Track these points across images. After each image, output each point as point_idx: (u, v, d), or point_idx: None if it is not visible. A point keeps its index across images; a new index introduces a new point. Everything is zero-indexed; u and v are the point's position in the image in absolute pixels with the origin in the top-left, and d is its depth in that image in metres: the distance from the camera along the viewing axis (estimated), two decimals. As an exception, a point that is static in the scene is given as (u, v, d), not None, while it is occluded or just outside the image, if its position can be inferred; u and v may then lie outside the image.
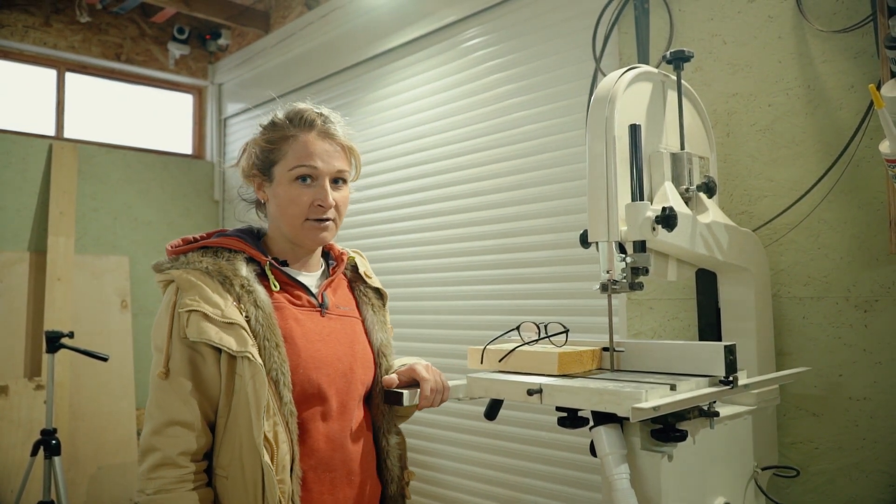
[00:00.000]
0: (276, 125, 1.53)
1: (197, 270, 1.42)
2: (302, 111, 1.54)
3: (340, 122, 1.58)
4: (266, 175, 1.53)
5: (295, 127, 1.51)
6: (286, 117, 1.54)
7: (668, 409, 1.31)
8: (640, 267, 1.57)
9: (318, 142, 1.51)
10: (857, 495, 1.89)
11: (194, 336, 1.35)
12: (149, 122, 4.88)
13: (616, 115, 1.61)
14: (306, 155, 1.49)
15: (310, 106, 1.56)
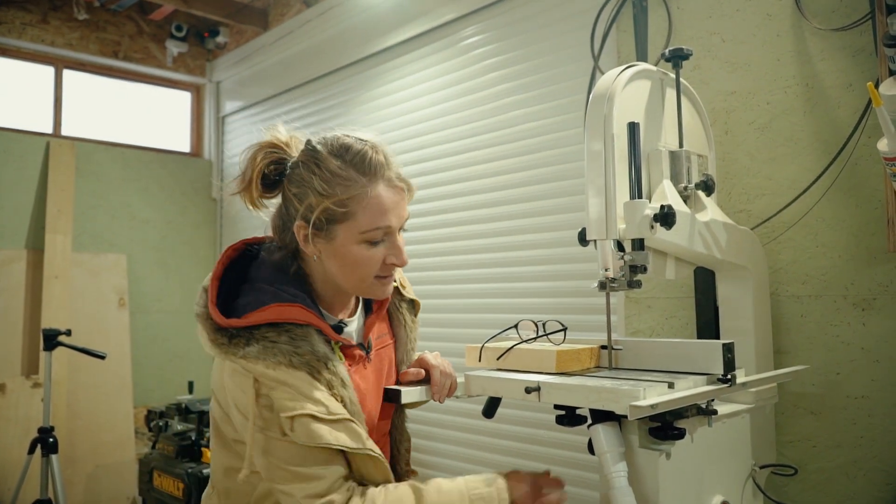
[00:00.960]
0: (336, 175, 1.30)
1: (280, 364, 1.25)
2: (363, 155, 1.32)
3: (392, 154, 1.41)
4: (321, 230, 1.31)
5: (363, 176, 1.31)
6: (350, 165, 1.31)
7: (665, 406, 1.31)
8: (639, 265, 1.57)
9: (388, 193, 1.33)
10: (855, 493, 1.89)
11: (304, 441, 1.22)
12: (147, 120, 4.87)
13: (614, 113, 1.61)
14: (380, 215, 1.31)
15: (362, 141, 1.35)
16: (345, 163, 1.31)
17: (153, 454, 3.60)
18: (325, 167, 1.31)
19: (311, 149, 1.36)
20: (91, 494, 3.93)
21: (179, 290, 4.71)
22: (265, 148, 1.39)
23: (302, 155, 1.36)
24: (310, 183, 1.31)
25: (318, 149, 1.34)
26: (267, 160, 1.37)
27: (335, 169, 1.30)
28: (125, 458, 4.08)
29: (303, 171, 1.33)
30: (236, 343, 1.27)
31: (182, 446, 3.41)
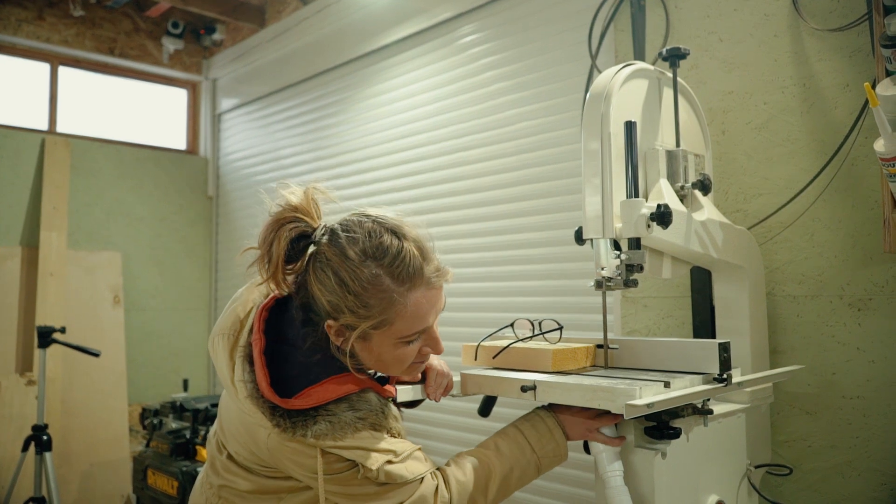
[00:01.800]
0: (372, 288, 1.23)
1: (347, 434, 1.26)
2: (402, 260, 1.24)
3: (428, 238, 1.34)
4: (355, 329, 1.27)
5: (401, 286, 1.25)
6: (387, 274, 1.24)
7: (661, 406, 1.31)
8: (635, 264, 1.57)
9: (428, 296, 1.28)
10: (849, 493, 1.89)
11: (393, 480, 1.29)
12: (142, 118, 4.85)
13: (612, 112, 1.61)
14: (418, 320, 1.28)
15: (399, 238, 1.27)
16: (381, 269, 1.23)
17: (147, 452, 3.59)
18: (358, 276, 1.23)
19: (339, 245, 1.25)
20: (85, 492, 3.92)
21: (175, 288, 4.69)
22: (286, 223, 1.29)
23: (327, 248, 1.26)
24: (342, 295, 1.24)
25: (348, 251, 1.24)
26: (291, 236, 1.28)
27: (370, 279, 1.23)
28: (119, 457, 4.07)
29: (332, 275, 1.24)
30: (300, 422, 1.25)
31: (176, 444, 3.40)
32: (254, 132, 4.53)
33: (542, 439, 1.49)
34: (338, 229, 1.28)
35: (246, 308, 1.38)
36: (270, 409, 1.26)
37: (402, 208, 1.40)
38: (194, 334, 4.74)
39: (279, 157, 4.26)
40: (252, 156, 4.53)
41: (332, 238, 1.27)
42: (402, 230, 1.29)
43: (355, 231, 1.27)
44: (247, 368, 1.30)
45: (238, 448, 1.37)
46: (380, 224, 1.28)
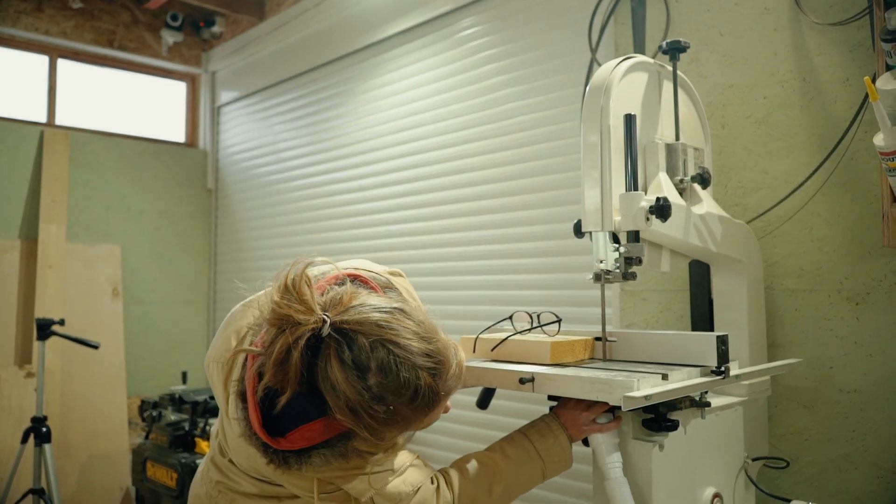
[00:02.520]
0: (386, 420, 1.17)
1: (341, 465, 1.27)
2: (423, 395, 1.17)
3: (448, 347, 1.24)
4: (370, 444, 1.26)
5: (420, 413, 1.20)
6: (404, 404, 1.17)
7: (659, 398, 1.31)
8: (634, 257, 1.57)
9: (440, 410, 1.26)
10: (846, 486, 1.90)
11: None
12: (141, 110, 4.84)
13: (611, 105, 1.61)
14: (432, 422, 1.28)
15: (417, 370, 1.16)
16: (400, 404, 1.16)
17: (146, 444, 3.60)
18: (376, 411, 1.14)
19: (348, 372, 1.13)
20: (84, 484, 3.93)
21: (174, 280, 4.69)
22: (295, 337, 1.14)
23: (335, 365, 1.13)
24: (358, 424, 1.16)
25: (358, 385, 1.13)
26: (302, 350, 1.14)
27: (388, 413, 1.16)
28: (119, 449, 4.07)
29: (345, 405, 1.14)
30: (293, 458, 1.23)
31: (175, 436, 3.41)
32: (253, 125, 4.53)
33: (547, 445, 1.51)
34: (346, 356, 1.14)
35: (240, 335, 1.34)
36: (263, 447, 1.23)
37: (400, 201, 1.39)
38: (193, 327, 4.75)
39: (278, 150, 4.26)
40: (251, 149, 4.52)
41: (342, 364, 1.14)
42: (415, 357, 1.16)
43: (365, 362, 1.14)
44: (239, 405, 1.25)
45: (240, 460, 1.39)
46: (392, 354, 1.15)
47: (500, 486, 1.44)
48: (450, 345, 1.25)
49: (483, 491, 1.43)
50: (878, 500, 1.85)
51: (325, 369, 1.14)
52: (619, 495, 1.46)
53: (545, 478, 1.52)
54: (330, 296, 1.20)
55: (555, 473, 1.53)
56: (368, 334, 1.15)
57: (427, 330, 1.22)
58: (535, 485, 1.51)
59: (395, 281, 1.51)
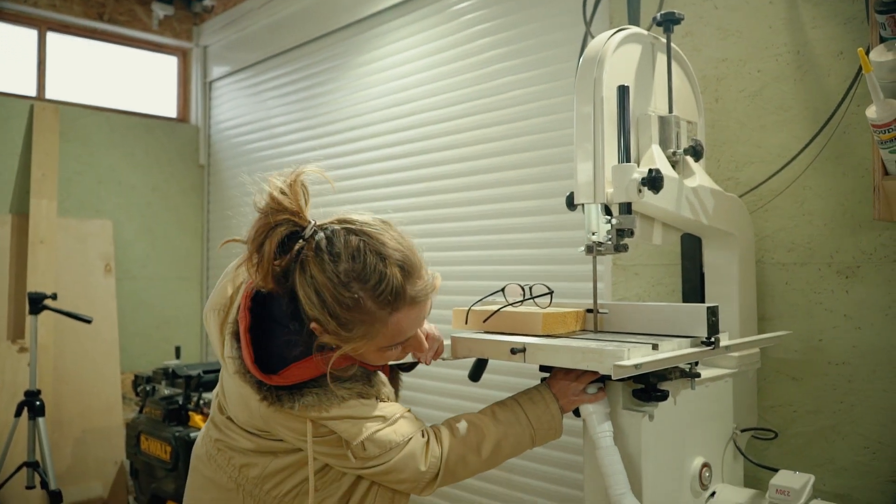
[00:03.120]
0: (355, 310, 1.25)
1: (334, 405, 1.32)
2: (387, 283, 1.26)
3: (417, 249, 1.35)
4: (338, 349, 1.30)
5: (384, 308, 1.27)
6: (370, 296, 1.25)
7: (649, 367, 1.32)
8: (626, 229, 1.57)
9: (411, 313, 1.32)
10: (833, 457, 1.92)
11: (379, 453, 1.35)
12: (132, 85, 4.80)
13: (604, 77, 1.60)
14: (399, 334, 1.33)
15: (383, 259, 1.26)
16: (364, 291, 1.24)
17: (140, 418, 3.61)
18: (340, 299, 1.23)
19: (322, 262, 1.25)
20: (78, 458, 3.95)
21: (166, 256, 4.68)
22: (277, 225, 1.28)
23: (311, 261, 1.25)
24: (323, 314, 1.25)
25: (329, 270, 1.24)
26: (281, 239, 1.28)
27: (350, 303, 1.24)
28: (113, 423, 4.09)
29: (314, 294, 1.24)
30: (286, 395, 1.30)
31: (169, 410, 3.42)
32: (245, 100, 4.49)
33: (538, 412, 1.52)
34: (323, 243, 1.27)
35: (235, 284, 1.43)
36: (257, 384, 1.31)
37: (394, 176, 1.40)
38: (186, 303, 4.75)
39: (271, 126, 4.23)
40: (244, 124, 4.49)
41: (317, 252, 1.26)
42: (387, 249, 1.28)
43: (339, 249, 1.26)
44: (234, 345, 1.34)
45: (237, 413, 1.42)
46: (365, 243, 1.27)
47: (488, 446, 1.46)
48: (425, 265, 1.35)
49: (472, 450, 1.45)
50: (864, 470, 1.87)
51: (304, 264, 1.25)
52: (610, 463, 1.47)
53: (534, 444, 1.53)
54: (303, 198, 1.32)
55: (544, 441, 1.54)
56: (347, 229, 1.29)
57: (409, 246, 1.33)
58: (523, 450, 1.53)
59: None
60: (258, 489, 1.43)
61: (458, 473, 1.45)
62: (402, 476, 1.39)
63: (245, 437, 1.42)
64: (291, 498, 1.43)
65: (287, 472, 1.41)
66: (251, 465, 1.43)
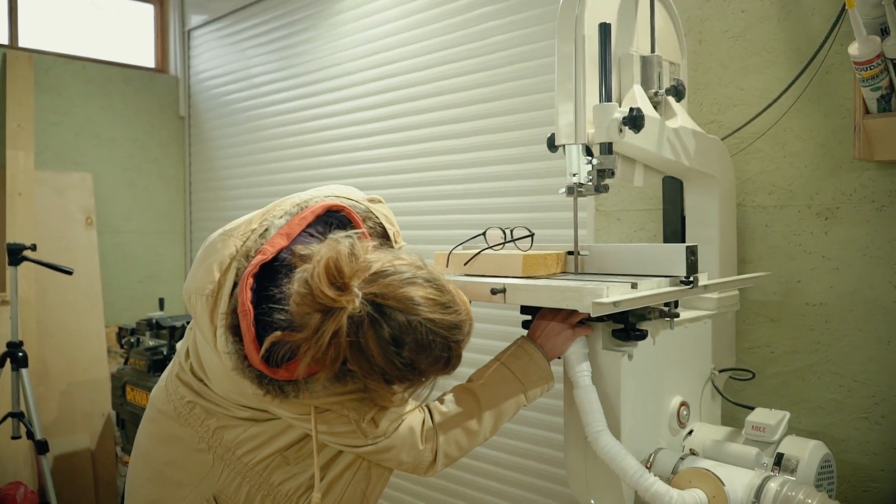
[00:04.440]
0: (414, 373, 1.24)
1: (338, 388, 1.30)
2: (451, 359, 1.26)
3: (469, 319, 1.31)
4: None
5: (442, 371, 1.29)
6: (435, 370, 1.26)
7: (628, 305, 1.33)
8: (606, 169, 1.57)
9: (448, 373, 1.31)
10: (808, 395, 1.96)
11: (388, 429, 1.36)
12: (108, 34, 4.68)
13: (586, 15, 1.58)
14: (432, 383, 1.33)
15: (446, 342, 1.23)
16: (432, 370, 1.26)
17: (125, 369, 3.62)
18: (404, 373, 1.22)
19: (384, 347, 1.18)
20: (65, 411, 3.96)
21: (148, 209, 4.63)
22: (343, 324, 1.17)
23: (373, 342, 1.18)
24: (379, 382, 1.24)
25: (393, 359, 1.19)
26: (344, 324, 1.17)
27: (415, 377, 1.26)
28: (98, 376, 4.09)
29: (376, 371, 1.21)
30: (290, 387, 1.26)
31: (154, 360, 3.43)
32: (224, 49, 4.40)
33: (522, 364, 1.52)
34: (382, 325, 1.18)
35: (223, 266, 1.31)
36: (258, 378, 1.25)
37: (374, 126, 1.37)
38: (170, 256, 4.72)
39: (251, 76, 4.15)
40: (224, 74, 4.41)
41: (376, 331, 1.18)
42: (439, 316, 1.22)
43: (402, 333, 1.19)
44: (230, 339, 1.26)
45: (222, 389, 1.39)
46: (420, 319, 1.19)
47: (483, 413, 1.46)
48: (463, 303, 1.30)
49: (467, 420, 1.44)
50: (838, 407, 1.91)
51: (361, 344, 1.17)
52: (587, 401, 1.50)
53: (528, 399, 1.53)
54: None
55: (537, 393, 1.54)
56: (404, 311, 1.18)
57: (445, 293, 1.26)
58: (520, 407, 1.53)
59: (375, 208, 1.51)
60: (230, 454, 1.41)
61: (459, 448, 1.44)
62: (402, 455, 1.38)
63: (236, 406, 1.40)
64: (263, 468, 1.40)
65: (262, 439, 1.39)
66: (227, 428, 1.40)
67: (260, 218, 1.37)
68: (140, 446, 1.55)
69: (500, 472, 2.79)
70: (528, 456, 2.70)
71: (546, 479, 2.64)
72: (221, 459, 1.42)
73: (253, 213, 1.41)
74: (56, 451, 3.81)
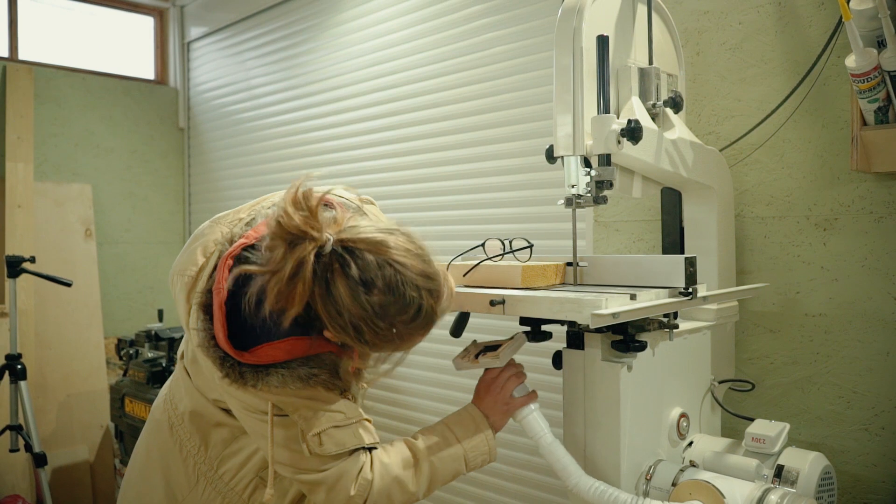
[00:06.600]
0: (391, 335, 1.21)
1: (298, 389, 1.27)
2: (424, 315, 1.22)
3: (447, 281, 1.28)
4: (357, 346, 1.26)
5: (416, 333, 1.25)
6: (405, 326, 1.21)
7: (626, 316, 1.33)
8: (605, 180, 1.57)
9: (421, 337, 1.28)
10: (808, 406, 1.96)
11: (333, 451, 1.29)
12: (108, 46, 4.69)
13: (584, 27, 1.58)
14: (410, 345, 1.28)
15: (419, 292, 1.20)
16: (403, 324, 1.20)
17: (124, 381, 3.61)
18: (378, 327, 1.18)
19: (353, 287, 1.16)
20: (63, 422, 3.95)
21: (148, 221, 4.64)
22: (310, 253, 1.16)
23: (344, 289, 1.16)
24: (352, 335, 1.19)
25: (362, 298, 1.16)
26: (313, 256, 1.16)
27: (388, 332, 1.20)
28: (97, 388, 4.08)
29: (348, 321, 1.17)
30: (250, 374, 1.26)
31: (153, 372, 3.42)
32: (224, 61, 4.41)
33: (466, 431, 1.47)
34: (351, 268, 1.16)
35: (208, 251, 1.33)
36: (220, 359, 1.25)
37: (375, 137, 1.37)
38: (168, 267, 4.65)
39: (251, 87, 4.17)
40: (223, 86, 4.42)
41: (345, 274, 1.16)
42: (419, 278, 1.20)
43: (371, 277, 1.17)
44: (201, 317, 1.27)
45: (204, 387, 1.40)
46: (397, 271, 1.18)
47: (422, 475, 1.40)
48: (441, 268, 1.28)
49: (402, 478, 1.38)
50: (838, 418, 1.91)
51: (329, 286, 1.15)
52: (555, 458, 1.48)
53: (469, 468, 1.48)
54: (322, 216, 1.20)
55: (478, 464, 1.49)
56: (374, 252, 1.17)
57: (423, 251, 1.25)
58: (459, 475, 1.47)
59: (366, 208, 1.51)
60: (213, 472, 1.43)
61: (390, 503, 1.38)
62: (330, 495, 1.32)
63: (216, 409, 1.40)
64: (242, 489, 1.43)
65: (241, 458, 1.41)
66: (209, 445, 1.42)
67: (248, 208, 1.41)
68: (135, 456, 1.57)
69: (500, 472, 2.78)
70: (530, 460, 2.69)
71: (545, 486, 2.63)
72: (205, 476, 1.43)
73: (245, 204, 1.44)
74: (54, 463, 3.79)
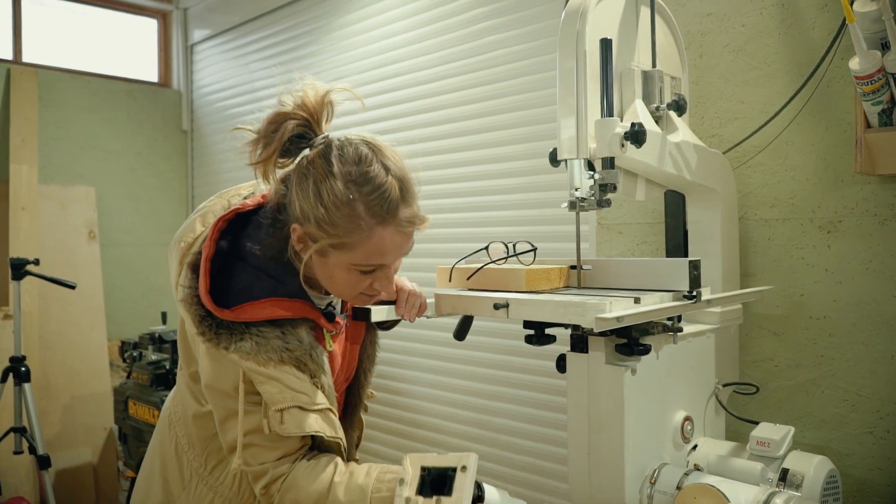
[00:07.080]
0: (343, 209, 1.22)
1: (271, 360, 1.26)
2: (382, 194, 1.24)
3: (415, 181, 1.33)
4: (315, 242, 1.26)
5: (372, 219, 1.24)
6: (362, 202, 1.23)
7: (631, 320, 1.33)
8: (609, 184, 1.57)
9: (394, 238, 1.27)
10: (812, 409, 1.95)
11: (292, 431, 1.25)
12: (112, 49, 4.71)
13: (587, 30, 1.58)
14: (378, 255, 1.27)
15: (387, 170, 1.26)
16: (359, 196, 1.23)
17: (128, 383, 3.62)
18: (334, 194, 1.22)
19: (328, 159, 1.25)
20: (67, 424, 3.95)
21: (151, 223, 4.65)
22: (293, 118, 1.30)
23: (318, 157, 1.26)
24: (314, 205, 1.23)
25: (334, 167, 1.24)
26: (294, 133, 1.29)
27: (344, 200, 1.22)
28: (101, 390, 4.09)
29: (312, 184, 1.24)
30: (226, 335, 1.26)
31: (156, 375, 3.42)
32: (227, 64, 4.42)
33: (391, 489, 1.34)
34: (333, 144, 1.28)
35: (207, 221, 1.37)
36: (199, 316, 1.27)
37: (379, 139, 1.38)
38: (172, 270, 4.71)
39: (254, 90, 4.17)
40: (227, 88, 4.43)
41: (325, 150, 1.27)
42: (394, 166, 1.29)
43: (348, 152, 1.27)
44: (189, 275, 1.31)
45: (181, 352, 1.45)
46: (374, 154, 1.28)
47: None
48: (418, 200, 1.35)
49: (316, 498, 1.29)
50: (842, 422, 1.91)
51: (308, 163, 1.27)
52: None
53: None
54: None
55: None
56: (362, 140, 1.31)
57: (409, 173, 1.33)
58: None
59: None
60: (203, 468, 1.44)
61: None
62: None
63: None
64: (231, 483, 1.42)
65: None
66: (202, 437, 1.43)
67: (250, 185, 1.46)
68: (146, 454, 1.59)
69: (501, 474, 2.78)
70: (531, 463, 2.69)
71: (548, 481, 2.63)
72: (196, 473, 1.44)
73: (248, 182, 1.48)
74: (58, 466, 3.80)
